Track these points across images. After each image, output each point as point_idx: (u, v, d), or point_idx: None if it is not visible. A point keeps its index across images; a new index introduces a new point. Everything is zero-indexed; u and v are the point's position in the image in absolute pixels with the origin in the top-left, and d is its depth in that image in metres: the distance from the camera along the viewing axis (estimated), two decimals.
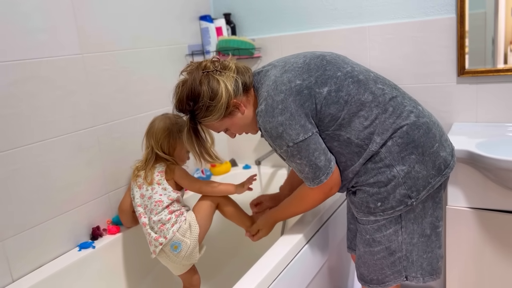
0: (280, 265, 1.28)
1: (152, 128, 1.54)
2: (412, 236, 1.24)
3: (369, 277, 1.30)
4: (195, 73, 1.24)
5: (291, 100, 1.18)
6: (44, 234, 1.47)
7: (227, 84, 1.22)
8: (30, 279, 1.38)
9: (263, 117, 1.20)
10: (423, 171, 1.19)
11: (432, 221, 1.25)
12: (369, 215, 1.24)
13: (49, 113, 1.47)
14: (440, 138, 1.24)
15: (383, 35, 1.83)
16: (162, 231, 1.47)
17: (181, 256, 1.48)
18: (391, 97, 1.22)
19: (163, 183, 1.51)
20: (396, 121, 1.19)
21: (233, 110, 1.26)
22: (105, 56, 1.66)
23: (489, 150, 1.44)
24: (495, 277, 1.61)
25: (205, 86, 1.21)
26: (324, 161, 1.21)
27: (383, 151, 1.19)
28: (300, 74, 1.21)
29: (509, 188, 1.48)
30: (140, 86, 1.82)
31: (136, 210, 1.53)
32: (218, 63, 1.27)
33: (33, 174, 1.43)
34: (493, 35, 1.66)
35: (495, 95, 1.69)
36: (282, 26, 2.07)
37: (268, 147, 2.19)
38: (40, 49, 1.44)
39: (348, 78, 1.21)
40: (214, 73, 1.24)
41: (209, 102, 1.21)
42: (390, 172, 1.19)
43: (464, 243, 1.63)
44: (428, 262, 1.27)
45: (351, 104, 1.19)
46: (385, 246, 1.25)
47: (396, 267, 1.26)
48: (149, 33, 1.86)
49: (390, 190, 1.19)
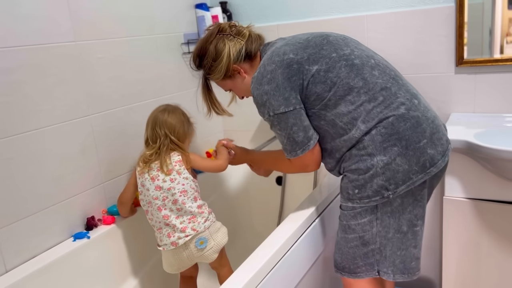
0: (275, 256, 1.27)
1: (162, 118, 1.50)
2: (387, 230, 1.23)
3: (342, 265, 1.31)
4: (211, 33, 1.36)
5: (279, 72, 1.22)
6: (38, 224, 1.45)
7: (232, 49, 1.32)
8: (24, 269, 1.37)
9: (254, 83, 1.27)
10: (405, 165, 1.16)
11: (410, 218, 1.23)
12: (347, 201, 1.25)
13: (42, 101, 1.45)
14: (432, 136, 1.20)
15: (381, 24, 1.82)
16: (192, 223, 1.45)
17: (202, 253, 1.47)
18: (384, 87, 1.20)
19: (184, 172, 1.47)
20: (383, 110, 1.18)
21: (233, 74, 1.36)
22: (99, 44, 1.63)
23: (487, 140, 1.43)
24: (491, 267, 1.61)
25: (212, 47, 1.33)
26: (302, 137, 1.24)
27: (366, 139, 1.19)
28: (296, 49, 1.25)
29: (506, 178, 1.48)
30: (135, 75, 1.80)
31: (153, 203, 1.46)
32: (235, 28, 1.36)
33: (27, 164, 1.41)
34: (490, 26, 1.66)
35: (493, 85, 1.69)
36: (279, 15, 2.05)
37: (264, 138, 2.18)
38: (33, 36, 1.41)
39: (342, 61, 1.22)
40: (227, 37, 1.33)
41: (212, 62, 1.34)
42: (370, 160, 1.18)
43: (461, 233, 1.63)
44: (401, 260, 1.25)
45: (339, 87, 1.20)
46: (358, 235, 1.25)
47: (369, 259, 1.26)
48: (145, 21, 1.83)
49: (367, 178, 1.19)
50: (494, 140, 1.42)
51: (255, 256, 1.24)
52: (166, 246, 1.47)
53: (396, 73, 1.28)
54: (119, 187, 1.74)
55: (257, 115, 2.21)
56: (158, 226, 1.48)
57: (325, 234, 1.56)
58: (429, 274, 2.00)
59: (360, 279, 1.30)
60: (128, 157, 1.77)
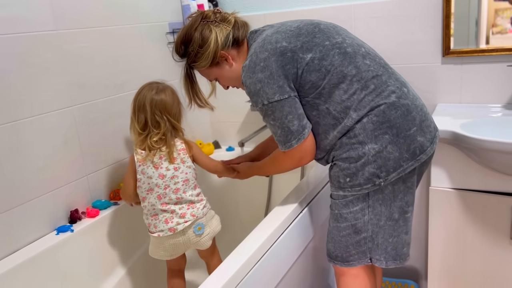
0: (263, 247, 1.26)
1: (158, 99, 1.43)
2: (379, 217, 1.24)
3: (335, 253, 1.32)
4: (194, 20, 1.32)
5: (273, 60, 1.20)
6: (20, 218, 1.42)
7: (219, 35, 1.28)
8: (5, 264, 1.34)
9: (246, 72, 1.24)
10: (396, 153, 1.18)
11: (401, 205, 1.24)
12: (338, 190, 1.25)
13: (23, 92, 1.41)
14: (421, 123, 1.21)
15: (368, 13, 1.81)
16: (191, 209, 1.45)
17: (199, 239, 1.47)
18: (375, 75, 1.20)
19: (187, 161, 1.46)
20: (375, 99, 1.18)
21: (220, 61, 1.32)
22: (81, 33, 1.59)
23: (473, 130, 1.44)
24: (476, 257, 1.63)
25: (198, 33, 1.28)
26: (297, 126, 1.22)
27: (357, 127, 1.19)
28: (288, 37, 1.23)
29: (492, 168, 1.49)
30: (119, 65, 1.76)
31: (154, 191, 1.44)
32: (219, 14, 1.32)
33: (8, 156, 1.37)
34: (476, 17, 1.66)
35: (480, 76, 1.69)
36: (266, 4, 2.02)
37: (251, 129, 2.17)
38: (12, 24, 1.36)
39: (335, 49, 1.21)
40: (212, 23, 1.29)
41: (198, 49, 1.29)
42: (361, 149, 1.18)
43: (447, 223, 1.65)
44: (393, 247, 1.27)
45: (333, 75, 1.19)
46: (351, 223, 1.25)
47: (361, 247, 1.27)
48: (128, 9, 1.79)
49: (359, 167, 1.19)
50: (480, 131, 1.43)
51: (243, 246, 1.24)
52: (162, 232, 1.45)
53: (385, 61, 1.28)
54: (103, 179, 1.71)
55: (245, 106, 2.21)
56: (153, 213, 1.46)
57: (313, 224, 1.56)
58: (415, 263, 2.02)
59: (353, 267, 1.31)
60: (112, 149, 1.74)
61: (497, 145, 1.35)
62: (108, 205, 1.68)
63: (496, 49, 1.64)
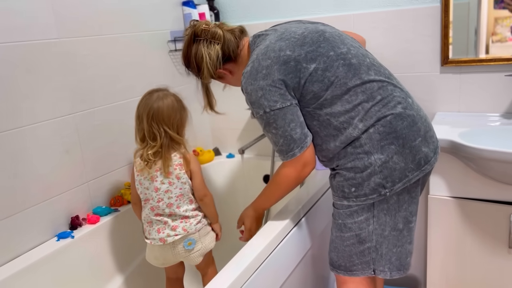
0: (262, 255, 1.27)
1: (156, 108, 1.40)
2: (383, 227, 1.23)
3: (338, 263, 1.31)
4: (188, 39, 1.34)
5: (276, 68, 1.19)
6: (21, 224, 1.43)
7: (209, 59, 1.30)
8: (6, 270, 1.35)
9: (247, 78, 1.23)
10: (401, 163, 1.17)
11: (406, 215, 1.24)
12: (343, 200, 1.24)
13: (26, 99, 1.42)
14: (425, 134, 1.22)
15: (367, 23, 1.82)
16: (183, 223, 1.44)
17: (188, 254, 1.46)
18: (381, 86, 1.20)
19: (183, 177, 1.44)
20: (381, 109, 1.18)
21: (221, 75, 1.36)
22: (83, 41, 1.61)
23: (472, 140, 1.45)
24: (476, 265, 1.63)
25: (193, 55, 1.32)
26: (299, 134, 1.21)
27: (363, 137, 1.18)
28: (292, 45, 1.21)
29: (490, 177, 1.50)
30: (121, 73, 1.78)
31: (149, 202, 1.45)
32: (208, 31, 1.31)
33: (10, 162, 1.39)
34: (476, 26, 1.67)
35: (478, 85, 1.70)
36: (267, 13, 2.04)
37: (252, 136, 2.18)
38: (15, 32, 1.38)
39: (339, 60, 1.20)
40: (203, 42, 1.31)
41: (197, 72, 1.34)
42: (367, 159, 1.18)
43: (446, 232, 1.65)
44: (397, 257, 1.26)
45: (336, 86, 1.18)
46: (355, 233, 1.24)
47: (365, 257, 1.26)
48: (130, 18, 1.81)
49: (365, 177, 1.18)
50: (478, 140, 1.44)
51: (240, 256, 1.24)
52: (154, 240, 1.45)
53: (389, 71, 1.28)
54: (104, 186, 1.72)
55: (245, 113, 2.22)
56: (148, 220, 1.47)
57: (311, 232, 1.56)
58: (414, 271, 2.02)
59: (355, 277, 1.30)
60: (113, 156, 1.76)
61: (495, 154, 1.36)
62: (109, 211, 1.69)
63: (494, 59, 1.65)
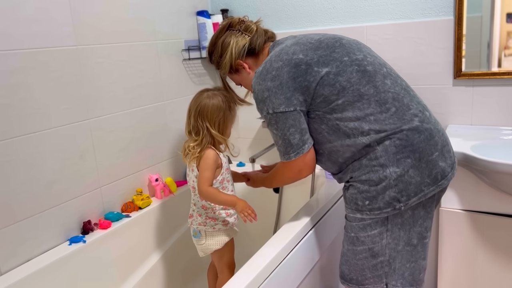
0: (270, 265, 1.27)
1: (202, 106, 1.47)
2: (397, 242, 1.21)
3: (349, 276, 1.29)
4: (221, 28, 1.39)
5: (286, 70, 1.20)
6: (34, 227, 1.45)
7: (235, 46, 1.35)
8: (19, 272, 1.36)
9: (256, 78, 1.26)
10: (417, 177, 1.16)
11: (420, 231, 1.22)
12: (356, 212, 1.22)
13: (42, 104, 1.45)
14: (442, 148, 1.20)
15: (380, 35, 1.83)
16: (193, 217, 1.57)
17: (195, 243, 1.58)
18: (396, 97, 1.18)
19: (195, 171, 1.53)
20: (397, 122, 1.16)
21: (239, 69, 1.38)
22: (100, 49, 1.64)
23: (484, 152, 1.44)
24: (486, 279, 1.61)
25: (220, 43, 1.37)
26: (297, 140, 1.22)
27: (379, 150, 1.16)
28: (306, 50, 1.22)
29: (502, 191, 1.49)
30: (135, 80, 1.80)
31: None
32: (243, 23, 1.38)
33: (25, 166, 1.41)
34: (488, 39, 1.67)
35: (491, 98, 1.70)
36: (280, 24, 2.06)
37: (262, 145, 2.19)
38: (34, 39, 1.41)
39: (354, 65, 1.19)
40: (235, 32, 1.36)
41: (218, 58, 1.39)
42: (382, 172, 1.16)
43: (457, 245, 1.64)
44: (410, 272, 1.24)
45: (348, 92, 1.17)
46: (368, 247, 1.22)
47: (377, 271, 1.24)
48: (146, 27, 1.85)
49: (380, 190, 1.17)
50: (490, 153, 1.43)
51: (250, 265, 1.24)
52: None
53: (406, 83, 1.26)
54: (116, 191, 1.74)
55: (256, 122, 2.24)
56: None
57: (321, 243, 1.56)
58: (425, 285, 2.00)
59: None
60: (126, 162, 1.78)
61: (508, 167, 1.35)
62: (120, 217, 1.70)
63: (507, 72, 1.64)
